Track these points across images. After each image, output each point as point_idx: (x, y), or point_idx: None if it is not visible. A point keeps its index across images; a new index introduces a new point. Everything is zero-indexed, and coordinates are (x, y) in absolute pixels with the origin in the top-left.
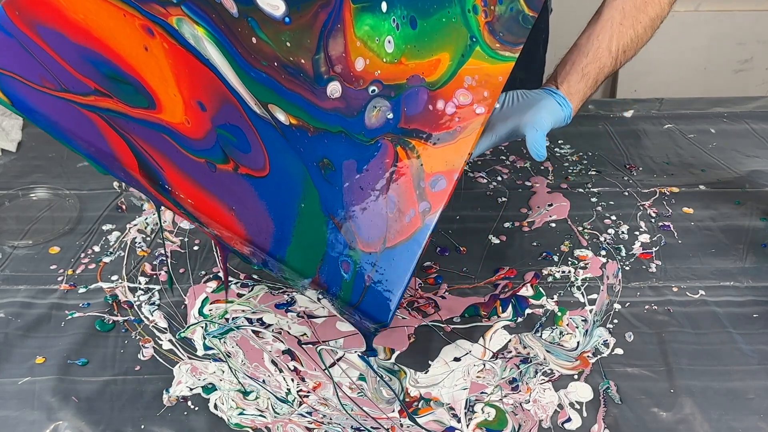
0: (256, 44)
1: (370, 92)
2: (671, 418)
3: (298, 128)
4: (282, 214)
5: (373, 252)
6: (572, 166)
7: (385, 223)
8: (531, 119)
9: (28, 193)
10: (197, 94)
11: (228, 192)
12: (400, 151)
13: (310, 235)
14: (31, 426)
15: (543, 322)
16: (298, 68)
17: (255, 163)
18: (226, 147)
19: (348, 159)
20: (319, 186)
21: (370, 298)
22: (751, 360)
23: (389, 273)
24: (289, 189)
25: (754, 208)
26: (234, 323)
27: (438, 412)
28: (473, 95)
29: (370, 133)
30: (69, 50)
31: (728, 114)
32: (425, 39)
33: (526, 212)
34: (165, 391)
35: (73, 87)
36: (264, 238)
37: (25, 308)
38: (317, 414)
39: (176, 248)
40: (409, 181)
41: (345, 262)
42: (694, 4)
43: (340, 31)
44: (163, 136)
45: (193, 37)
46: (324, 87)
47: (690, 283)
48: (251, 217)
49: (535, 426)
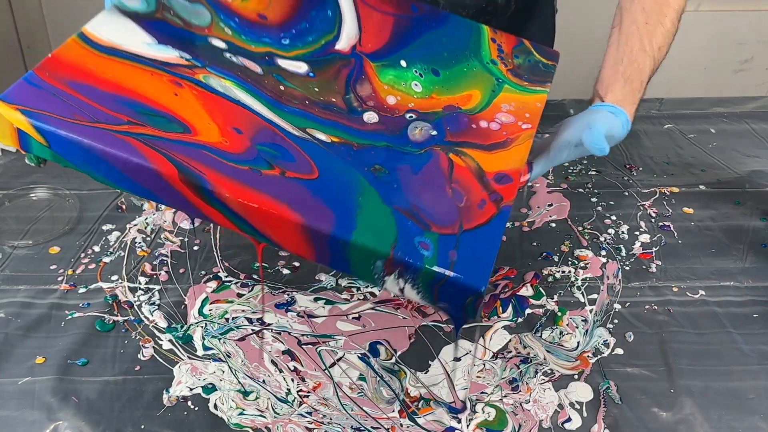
0: (285, 90)
1: (408, 118)
2: (671, 418)
3: (341, 144)
4: (341, 204)
5: (451, 233)
6: (572, 166)
7: (456, 211)
8: (585, 123)
9: (28, 193)
10: (232, 123)
11: (278, 190)
12: (453, 158)
13: (376, 220)
14: (31, 426)
15: (543, 322)
16: (331, 104)
17: (302, 169)
18: (269, 159)
19: (400, 164)
20: (375, 185)
21: (458, 269)
22: (751, 360)
23: (475, 247)
24: (343, 186)
25: (754, 208)
26: (234, 323)
27: (438, 412)
28: (515, 116)
29: (418, 146)
30: (100, 96)
31: (728, 114)
32: (452, 82)
33: (526, 212)
34: (165, 391)
35: (105, 120)
36: (325, 224)
37: (25, 308)
38: (317, 414)
39: (176, 248)
40: (471, 177)
41: (422, 242)
42: (694, 4)
43: (366, 80)
44: (202, 151)
45: (221, 86)
46: (360, 116)
47: (690, 283)
48: (307, 207)
49: (535, 426)
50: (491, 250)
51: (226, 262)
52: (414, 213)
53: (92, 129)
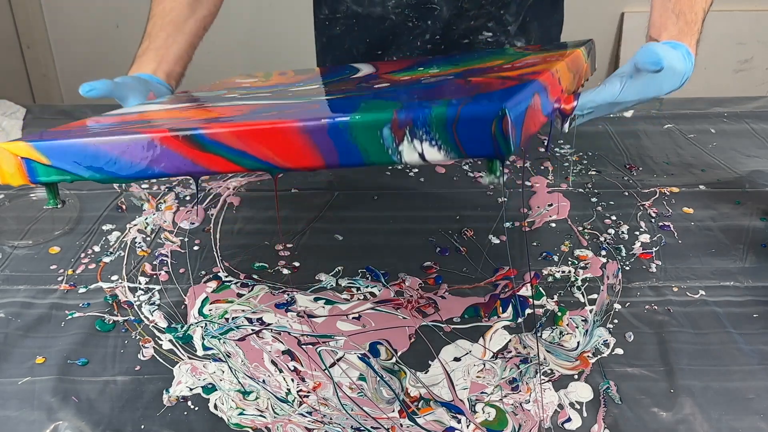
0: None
1: (422, 81)
2: (671, 418)
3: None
4: (340, 108)
5: (463, 97)
6: (572, 166)
7: (465, 91)
8: (637, 54)
9: (28, 193)
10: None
11: (271, 115)
12: (472, 79)
13: (377, 104)
14: (31, 426)
15: (543, 322)
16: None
17: (301, 106)
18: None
19: (410, 88)
20: (379, 97)
21: (471, 103)
22: (751, 360)
23: (491, 95)
24: (343, 101)
25: (754, 208)
26: (234, 323)
27: (438, 412)
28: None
29: (432, 84)
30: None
31: (728, 114)
32: (471, 63)
33: (526, 212)
34: (165, 391)
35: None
36: (320, 119)
37: (25, 308)
38: (317, 414)
39: (176, 248)
40: (487, 79)
41: (427, 107)
42: None
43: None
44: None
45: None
46: (370, 84)
47: (690, 283)
48: (303, 114)
49: (535, 426)
50: (512, 90)
51: (226, 262)
52: (420, 100)
53: (88, 131)
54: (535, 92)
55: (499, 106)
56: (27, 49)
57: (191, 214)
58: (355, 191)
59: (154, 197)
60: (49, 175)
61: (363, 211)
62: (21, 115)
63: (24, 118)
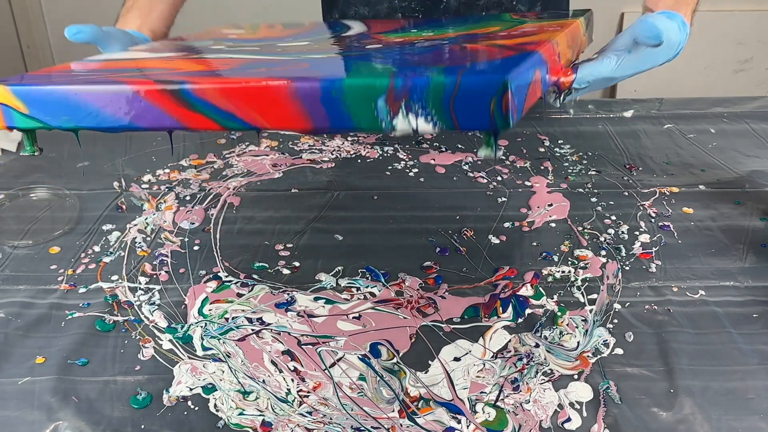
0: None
1: (418, 44)
2: (671, 418)
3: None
4: (332, 70)
5: (459, 65)
6: (572, 166)
7: (468, 57)
8: (634, 25)
9: (28, 193)
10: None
11: (261, 72)
12: (468, 46)
13: (370, 68)
14: (31, 426)
15: (543, 322)
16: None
17: (291, 64)
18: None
19: (406, 53)
20: (373, 60)
21: (469, 72)
22: (751, 360)
23: (490, 64)
24: (336, 63)
25: (754, 208)
26: (234, 323)
27: (438, 412)
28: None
29: (426, 50)
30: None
31: (728, 114)
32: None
33: (526, 212)
34: (165, 391)
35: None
36: (314, 81)
37: (25, 308)
38: (317, 414)
39: (176, 248)
40: (489, 47)
41: (425, 76)
42: None
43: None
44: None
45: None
46: (362, 45)
47: (690, 283)
48: (294, 73)
49: (536, 426)
50: (513, 59)
51: (226, 262)
52: (414, 65)
53: (69, 78)
54: (536, 66)
55: (502, 78)
56: (27, 49)
57: (191, 213)
58: (355, 191)
59: (154, 197)
60: (26, 123)
61: (363, 211)
62: None
63: None
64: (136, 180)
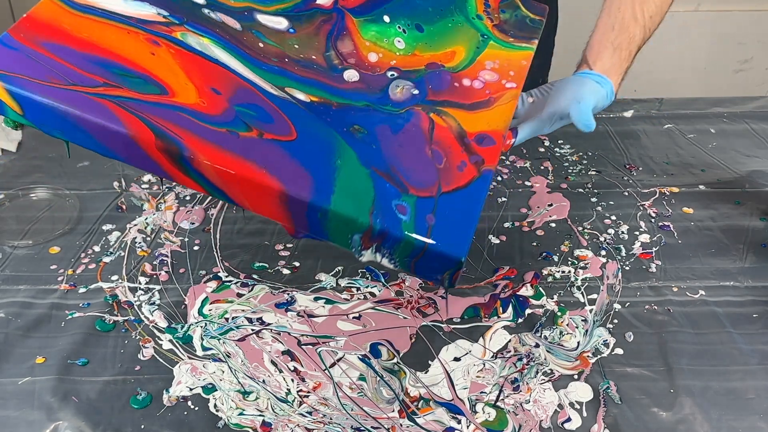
0: (264, 47)
1: (389, 76)
2: (671, 418)
3: (320, 104)
4: (319, 168)
5: (429, 196)
6: (572, 166)
7: (435, 172)
8: (572, 96)
9: (28, 193)
10: (210, 83)
11: (256, 153)
12: (434, 117)
13: (354, 185)
14: (31, 426)
15: (543, 322)
16: (311, 62)
17: (280, 130)
18: (247, 119)
19: (380, 125)
20: (353, 146)
21: (436, 235)
22: (751, 360)
23: (453, 212)
24: (321, 148)
25: (754, 208)
26: (234, 323)
27: (438, 412)
28: (499, 74)
29: (399, 105)
30: (76, 58)
31: (728, 114)
32: (435, 38)
33: (526, 212)
34: (165, 391)
35: (81, 82)
36: (302, 190)
37: (25, 308)
38: (317, 414)
39: (176, 248)
40: (452, 138)
41: (400, 205)
42: (694, 4)
43: (347, 36)
44: (179, 113)
45: (198, 44)
46: (341, 74)
47: (690, 283)
48: (285, 172)
49: (536, 426)
50: (471, 215)
51: (226, 262)
52: (392, 174)
53: (66, 92)
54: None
55: (460, 257)
56: None
57: (191, 213)
58: None
59: (154, 197)
60: (18, 119)
61: None
62: None
63: None
64: (136, 180)
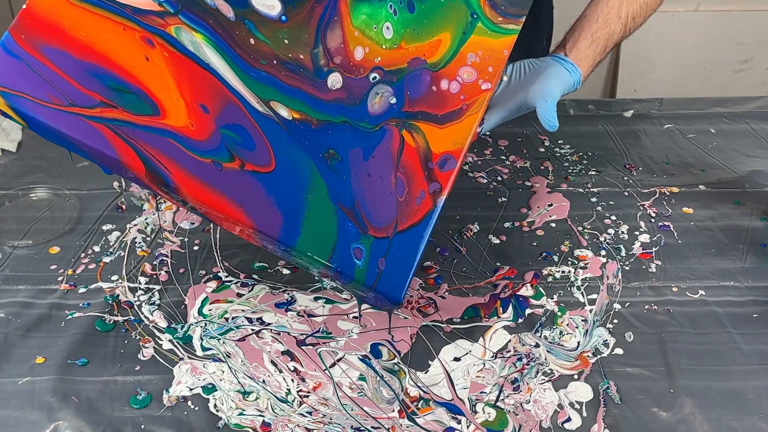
0: (255, 45)
1: (371, 80)
2: (671, 418)
3: (301, 122)
4: (290, 206)
5: (385, 236)
6: (572, 166)
7: (395, 209)
8: (540, 90)
9: (28, 193)
10: (199, 97)
11: (236, 189)
12: (405, 135)
13: (320, 225)
14: (31, 426)
15: (543, 322)
16: (298, 64)
17: (260, 159)
18: (231, 146)
19: (354, 148)
20: (325, 177)
21: (384, 280)
22: (751, 360)
23: (401, 255)
24: (296, 182)
25: (754, 208)
26: (234, 323)
27: (438, 412)
28: (477, 71)
29: (374, 119)
30: (74, 67)
31: (728, 114)
32: (424, 21)
33: (526, 212)
34: (165, 391)
35: (80, 101)
36: (274, 230)
37: (25, 308)
38: (317, 414)
39: (176, 248)
40: (417, 163)
41: (357, 249)
42: (694, 4)
43: (338, 23)
44: (169, 141)
45: (192, 43)
46: (324, 80)
47: (690, 283)
48: (260, 211)
49: (536, 426)
50: (415, 253)
51: (226, 262)
52: (356, 212)
53: (66, 115)
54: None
55: (397, 300)
56: None
57: (191, 213)
58: None
59: (154, 197)
60: (21, 125)
61: None
62: None
63: None
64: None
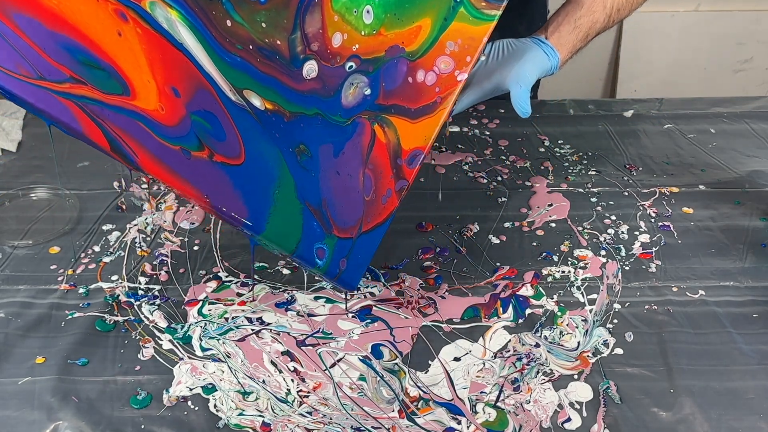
0: (231, 27)
1: (348, 69)
2: (671, 418)
3: (273, 113)
4: (257, 201)
5: (348, 237)
6: (572, 166)
7: (361, 208)
8: (515, 74)
9: (28, 193)
10: (171, 80)
11: (202, 179)
12: (377, 130)
13: (285, 222)
14: (31, 426)
15: (543, 322)
16: (274, 50)
17: (230, 150)
18: (201, 134)
19: (324, 143)
20: (294, 173)
21: (342, 277)
22: (751, 360)
23: (361, 254)
24: (264, 176)
25: (754, 208)
26: (233, 323)
27: (438, 412)
28: (455, 61)
29: (347, 112)
30: (45, 37)
31: (728, 114)
32: (406, 5)
33: (526, 212)
34: (165, 391)
35: (48, 74)
36: (238, 220)
37: (25, 308)
38: (317, 414)
39: (176, 248)
40: (386, 160)
41: (320, 249)
42: (694, 4)
43: (317, 6)
44: (137, 123)
45: (166, 20)
46: (300, 69)
47: (690, 283)
48: (226, 203)
49: (536, 426)
50: (371, 249)
51: (226, 262)
52: (322, 211)
53: (35, 88)
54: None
55: (352, 287)
56: None
57: (191, 213)
58: None
59: (154, 197)
60: None
61: None
62: (21, 115)
63: (24, 117)
64: (136, 180)
